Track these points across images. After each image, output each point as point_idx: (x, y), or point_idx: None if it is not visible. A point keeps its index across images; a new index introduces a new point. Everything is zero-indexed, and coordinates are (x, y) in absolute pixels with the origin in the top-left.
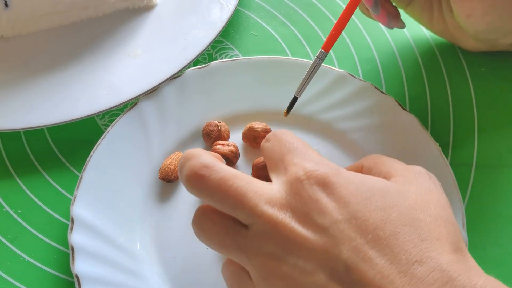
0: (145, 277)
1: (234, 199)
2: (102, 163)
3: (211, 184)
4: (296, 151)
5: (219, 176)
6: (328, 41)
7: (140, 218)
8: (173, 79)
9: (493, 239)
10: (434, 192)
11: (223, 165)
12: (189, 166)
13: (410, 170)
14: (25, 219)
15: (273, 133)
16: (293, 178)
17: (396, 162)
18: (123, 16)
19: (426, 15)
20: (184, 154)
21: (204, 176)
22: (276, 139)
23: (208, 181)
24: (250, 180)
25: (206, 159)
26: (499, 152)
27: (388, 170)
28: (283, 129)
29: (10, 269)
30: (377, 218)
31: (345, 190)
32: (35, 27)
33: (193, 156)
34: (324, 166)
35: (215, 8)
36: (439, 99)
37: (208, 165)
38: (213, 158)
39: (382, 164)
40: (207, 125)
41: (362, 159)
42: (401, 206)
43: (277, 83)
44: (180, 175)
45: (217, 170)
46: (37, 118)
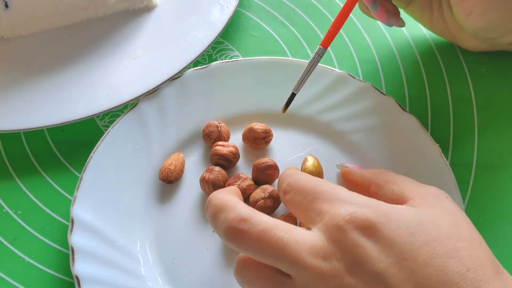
0: (145, 278)
1: (276, 251)
2: (102, 164)
3: (251, 238)
4: (321, 195)
5: (259, 229)
6: (326, 37)
7: (140, 219)
8: (173, 80)
9: (493, 240)
10: (459, 213)
11: (260, 216)
12: (225, 220)
13: (427, 192)
14: (25, 220)
15: (288, 183)
16: (332, 226)
17: (408, 181)
18: (123, 17)
19: (426, 14)
20: (214, 201)
21: (243, 230)
22: (294, 188)
23: (248, 235)
24: (290, 229)
25: (242, 212)
26: (499, 153)
27: (402, 192)
28: (291, 170)
29: (10, 270)
30: (424, 255)
31: (387, 230)
32: (35, 28)
33: (227, 208)
34: (359, 206)
35: (215, 9)
36: (439, 99)
37: (246, 218)
38: (248, 209)
39: (393, 184)
40: (207, 126)
41: (369, 174)
42: (441, 237)
43: (277, 84)
44: (215, 227)
45: (255, 223)
46: (37, 119)
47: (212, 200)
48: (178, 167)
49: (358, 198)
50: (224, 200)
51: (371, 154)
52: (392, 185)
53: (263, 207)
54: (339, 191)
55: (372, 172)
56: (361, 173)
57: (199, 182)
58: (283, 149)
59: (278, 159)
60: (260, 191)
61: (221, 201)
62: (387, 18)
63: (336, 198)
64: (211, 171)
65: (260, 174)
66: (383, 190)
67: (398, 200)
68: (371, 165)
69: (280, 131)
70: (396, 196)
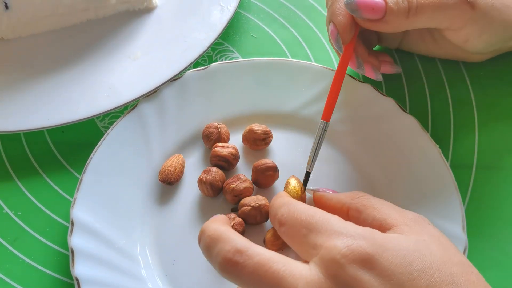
0: (145, 280)
1: (272, 284)
2: (102, 165)
3: (246, 271)
4: (316, 227)
5: (254, 261)
6: (326, 111)
7: (140, 221)
8: (173, 81)
9: (493, 242)
10: (444, 238)
11: (256, 248)
12: (220, 252)
13: (409, 218)
14: (25, 221)
15: (282, 215)
16: (328, 260)
17: (388, 206)
18: (123, 18)
19: (421, 46)
20: (208, 232)
21: (238, 263)
22: (288, 220)
23: (243, 267)
24: (286, 262)
25: (238, 243)
26: (499, 153)
27: (384, 218)
28: (284, 198)
29: (10, 271)
30: (423, 284)
31: (385, 261)
32: (35, 29)
33: (222, 239)
34: (355, 238)
35: (215, 10)
36: (439, 100)
37: (242, 250)
38: (244, 240)
39: (373, 209)
40: (207, 127)
41: (346, 198)
42: (436, 264)
43: (277, 85)
44: (209, 258)
45: (251, 255)
46: (37, 120)
47: (206, 231)
48: (178, 169)
49: (353, 229)
50: (218, 230)
51: (370, 156)
52: (372, 210)
53: (247, 214)
54: (333, 222)
55: (349, 196)
56: (337, 197)
57: (197, 183)
58: (283, 150)
59: (278, 160)
60: (252, 199)
61: (216, 231)
62: (375, 74)
63: (331, 230)
64: (209, 172)
65: (260, 175)
66: (363, 216)
67: (380, 227)
68: (371, 167)
69: (280, 132)
70: (378, 223)
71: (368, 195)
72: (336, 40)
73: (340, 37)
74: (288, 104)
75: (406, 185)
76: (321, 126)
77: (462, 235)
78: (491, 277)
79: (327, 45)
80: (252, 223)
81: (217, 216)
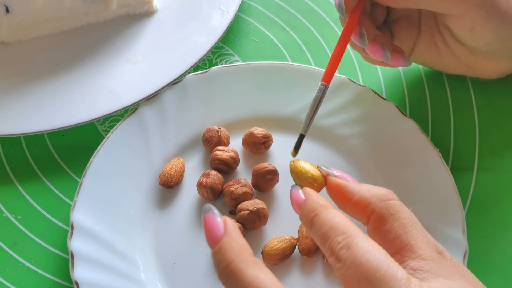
0: (145, 283)
1: None
2: (102, 169)
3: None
4: (377, 286)
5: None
6: (327, 73)
7: (140, 224)
8: (173, 84)
9: (494, 245)
10: (472, 277)
11: None
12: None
13: (435, 250)
14: (25, 225)
15: (341, 248)
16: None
17: (416, 227)
18: (123, 22)
19: (433, 54)
20: (245, 282)
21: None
22: (349, 261)
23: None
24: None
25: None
26: (500, 156)
27: (409, 242)
28: (340, 219)
29: (10, 275)
30: None
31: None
32: (36, 33)
33: (234, 275)
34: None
35: (215, 14)
36: (440, 104)
37: None
38: (264, 275)
39: (400, 225)
40: (207, 131)
41: (372, 197)
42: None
43: (277, 89)
44: None
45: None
46: (37, 124)
47: (241, 279)
48: (178, 172)
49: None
50: (263, 287)
51: (370, 159)
52: (398, 226)
53: (245, 218)
54: (400, 283)
55: (376, 196)
56: (361, 193)
57: (196, 187)
58: (283, 153)
59: (278, 164)
60: (250, 203)
61: (254, 284)
62: (383, 52)
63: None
64: (208, 176)
65: (260, 178)
66: (386, 227)
67: (401, 249)
68: (370, 170)
69: (280, 136)
70: (401, 244)
71: (399, 200)
72: (338, 4)
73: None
74: (288, 108)
75: (406, 189)
76: (320, 88)
77: (462, 240)
78: (492, 281)
79: (327, 49)
80: (250, 227)
81: (233, 236)
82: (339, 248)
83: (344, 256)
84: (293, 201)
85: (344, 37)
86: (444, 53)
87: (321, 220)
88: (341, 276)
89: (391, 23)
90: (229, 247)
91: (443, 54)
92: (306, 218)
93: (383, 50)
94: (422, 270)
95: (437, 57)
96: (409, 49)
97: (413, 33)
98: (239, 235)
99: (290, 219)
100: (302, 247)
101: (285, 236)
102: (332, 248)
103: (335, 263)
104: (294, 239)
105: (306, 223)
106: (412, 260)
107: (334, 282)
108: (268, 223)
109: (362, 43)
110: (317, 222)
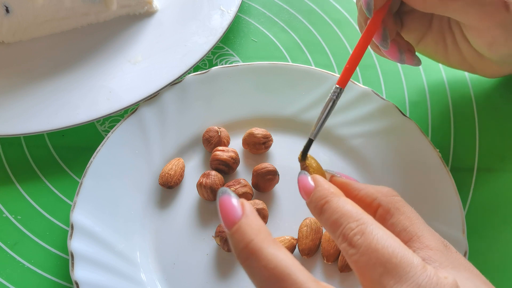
0: (145, 284)
1: None
2: (102, 169)
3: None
4: (396, 270)
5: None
6: (343, 76)
7: (139, 224)
8: (174, 85)
9: (495, 245)
10: (475, 270)
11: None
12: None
13: (440, 242)
14: (25, 225)
15: (355, 235)
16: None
17: (420, 220)
18: (124, 22)
19: (440, 48)
20: (265, 261)
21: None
22: (363, 247)
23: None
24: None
25: None
26: (500, 156)
27: (416, 234)
28: (351, 206)
29: (10, 276)
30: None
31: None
32: (36, 33)
33: (290, 283)
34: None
35: (215, 15)
36: (440, 104)
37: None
38: (284, 255)
39: (406, 218)
40: (207, 131)
41: (377, 193)
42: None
43: (277, 89)
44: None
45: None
46: (37, 124)
47: (262, 259)
48: (178, 172)
49: (438, 287)
50: (282, 267)
51: (371, 159)
52: (404, 218)
53: None
54: (417, 269)
55: (380, 192)
56: (366, 189)
57: (196, 187)
58: (283, 154)
59: (278, 164)
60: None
61: (279, 267)
62: (400, 55)
63: (414, 283)
64: (208, 176)
65: (260, 179)
66: (392, 220)
67: (409, 241)
68: (371, 170)
69: (280, 136)
70: (409, 236)
71: (399, 196)
72: (367, 3)
73: None
74: (288, 108)
75: (406, 189)
76: (335, 91)
77: (462, 239)
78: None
79: (327, 49)
80: None
81: (252, 218)
82: (353, 234)
83: (358, 242)
84: (300, 188)
85: (366, 38)
86: (451, 50)
87: (333, 207)
88: (354, 263)
89: (403, 13)
90: (249, 227)
91: (450, 50)
92: (316, 205)
93: (400, 53)
94: (431, 260)
95: (443, 52)
96: (417, 40)
97: (424, 26)
98: (258, 217)
99: (290, 219)
100: (302, 247)
101: (285, 237)
102: (345, 234)
103: (348, 249)
104: (294, 240)
105: (316, 209)
106: (420, 250)
107: (334, 282)
108: (268, 224)
109: (384, 45)
110: (328, 209)
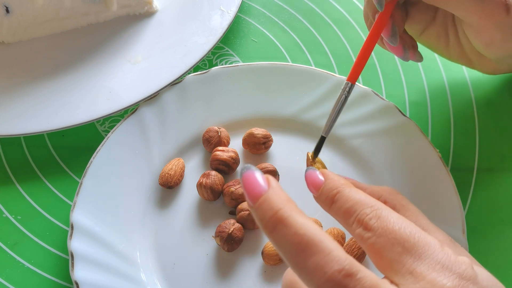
0: (145, 284)
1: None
2: (102, 169)
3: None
4: (415, 249)
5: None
6: (353, 71)
7: (139, 224)
8: (174, 85)
9: (495, 245)
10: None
11: (364, 271)
12: (323, 269)
13: (447, 237)
14: (25, 225)
15: (370, 219)
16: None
17: (424, 217)
18: (124, 22)
19: (442, 41)
20: (295, 227)
21: None
22: (380, 229)
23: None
24: None
25: (346, 263)
26: (501, 156)
27: (422, 226)
28: (364, 196)
29: (10, 276)
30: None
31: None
32: (36, 33)
33: (320, 250)
34: (462, 278)
35: (215, 15)
36: (440, 104)
37: (352, 274)
38: (348, 257)
39: (411, 214)
40: (207, 131)
41: (381, 190)
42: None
43: (277, 89)
44: (295, 264)
45: (362, 279)
46: (37, 124)
47: (292, 225)
48: (178, 172)
49: (458, 264)
50: (312, 233)
51: (371, 160)
52: (410, 215)
53: (245, 219)
54: (435, 248)
55: (385, 190)
56: (371, 187)
57: (196, 187)
58: (283, 154)
59: (278, 164)
60: None
61: (308, 234)
62: (404, 51)
63: (434, 259)
64: (208, 176)
65: None
66: None
67: None
68: (371, 170)
69: (280, 136)
70: None
71: (403, 196)
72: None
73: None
74: (288, 108)
75: (406, 190)
76: (345, 88)
77: (462, 239)
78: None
79: (327, 49)
80: (250, 227)
81: (279, 189)
82: (368, 219)
83: (375, 225)
84: (309, 182)
85: (375, 33)
86: (452, 43)
87: (345, 197)
88: (371, 245)
89: (409, 3)
90: (277, 197)
91: (451, 44)
92: (327, 196)
93: (404, 50)
94: None
95: (444, 45)
96: (419, 31)
97: (428, 18)
98: (283, 190)
99: None
100: None
101: None
102: (360, 219)
103: (364, 233)
104: None
105: (327, 200)
106: None
107: None
108: None
109: (392, 40)
110: (340, 199)
